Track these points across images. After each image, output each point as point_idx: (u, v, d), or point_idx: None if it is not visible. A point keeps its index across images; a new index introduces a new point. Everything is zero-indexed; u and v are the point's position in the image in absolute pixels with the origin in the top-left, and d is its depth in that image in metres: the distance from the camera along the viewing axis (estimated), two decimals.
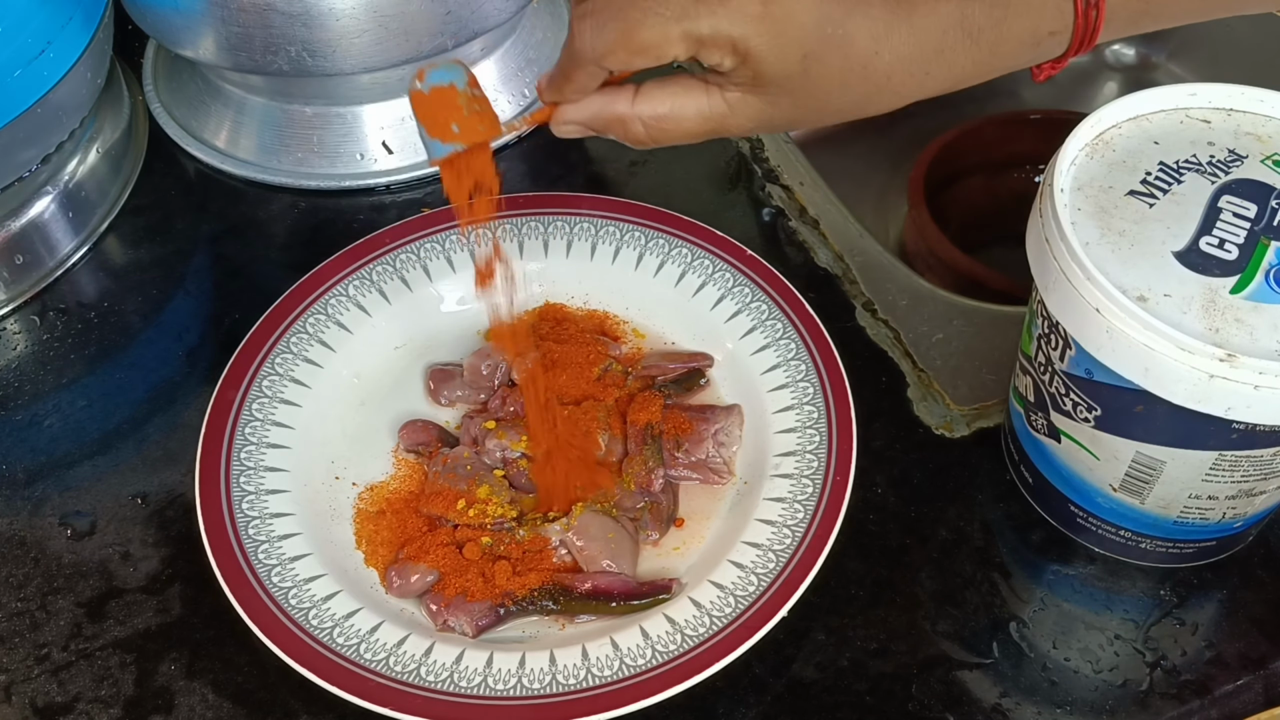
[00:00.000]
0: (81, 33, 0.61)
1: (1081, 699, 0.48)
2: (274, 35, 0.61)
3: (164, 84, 0.73)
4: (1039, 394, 0.49)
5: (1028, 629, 0.50)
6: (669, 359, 0.58)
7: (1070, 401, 0.47)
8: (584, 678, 0.47)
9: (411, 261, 0.61)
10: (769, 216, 0.66)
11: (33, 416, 0.59)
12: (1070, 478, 0.50)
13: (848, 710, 0.48)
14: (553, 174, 0.69)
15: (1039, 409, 0.50)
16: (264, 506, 0.52)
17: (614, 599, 0.50)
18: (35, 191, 0.64)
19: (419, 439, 0.56)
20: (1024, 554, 0.53)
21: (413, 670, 0.47)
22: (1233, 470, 0.45)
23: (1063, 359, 0.46)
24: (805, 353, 0.56)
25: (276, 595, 0.49)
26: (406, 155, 0.69)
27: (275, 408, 0.55)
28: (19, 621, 0.52)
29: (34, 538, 0.54)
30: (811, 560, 0.49)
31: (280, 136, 0.69)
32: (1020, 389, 0.51)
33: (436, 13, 0.62)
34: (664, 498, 0.53)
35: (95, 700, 0.49)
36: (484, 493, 0.52)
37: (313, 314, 0.58)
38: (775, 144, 0.69)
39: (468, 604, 0.50)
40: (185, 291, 0.64)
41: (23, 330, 0.63)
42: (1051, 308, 0.45)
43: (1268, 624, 0.50)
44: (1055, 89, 1.00)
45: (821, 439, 0.53)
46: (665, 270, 0.60)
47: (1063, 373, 0.47)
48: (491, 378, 0.57)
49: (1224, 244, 0.44)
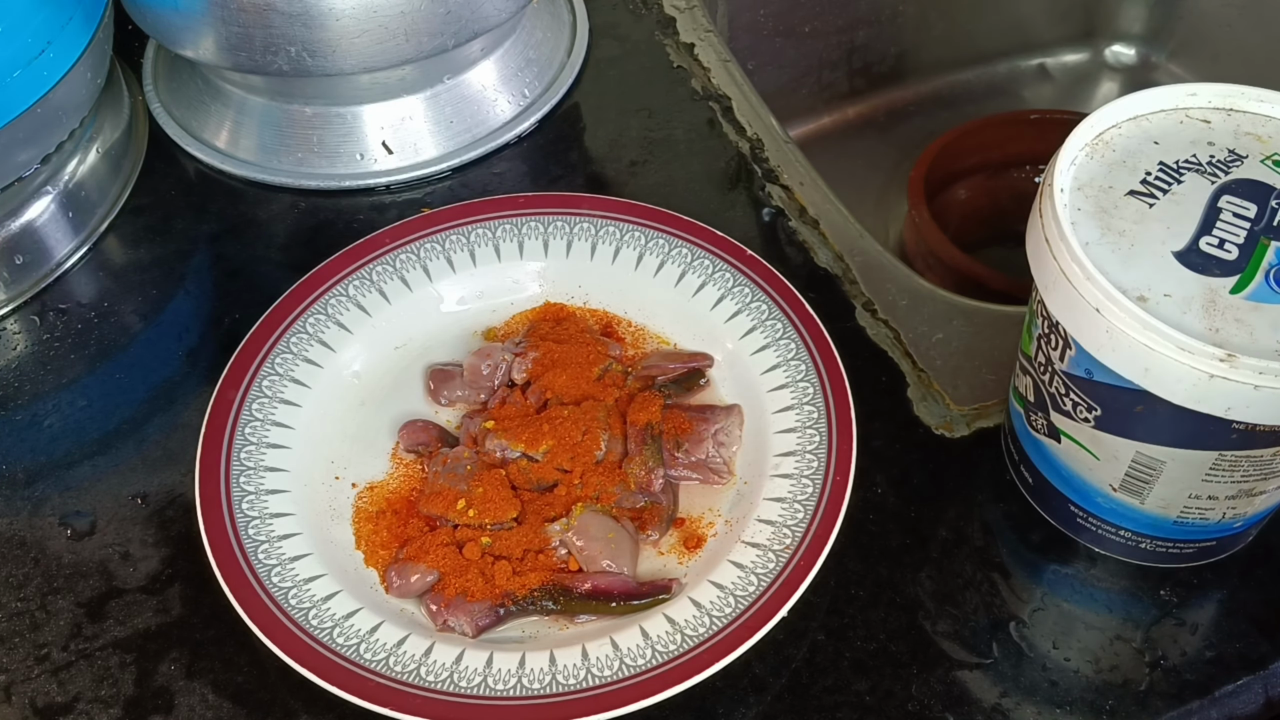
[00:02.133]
0: (81, 33, 0.61)
1: (1081, 699, 0.48)
2: (274, 35, 0.61)
3: (164, 84, 0.73)
4: (1039, 394, 0.49)
5: (1028, 629, 0.50)
6: (669, 359, 0.58)
7: (1070, 401, 0.47)
8: (584, 678, 0.47)
9: (411, 261, 0.61)
10: (769, 216, 0.66)
11: (33, 416, 0.59)
12: (1070, 478, 0.50)
13: (848, 710, 0.48)
14: (553, 174, 0.69)
15: (1039, 409, 0.50)
16: (264, 506, 0.52)
17: (614, 599, 0.50)
18: (35, 191, 0.64)
19: (419, 439, 0.56)
20: (1024, 554, 0.53)
21: (413, 670, 0.47)
22: (1233, 470, 0.45)
23: (1063, 359, 0.46)
24: (805, 353, 0.56)
25: (276, 595, 0.49)
26: (406, 155, 0.69)
27: (275, 408, 0.55)
28: (19, 621, 0.52)
29: (34, 538, 0.54)
30: (811, 560, 0.49)
31: (280, 136, 0.69)
32: (1020, 389, 0.51)
33: (436, 13, 0.62)
34: (664, 498, 0.53)
35: (95, 700, 0.49)
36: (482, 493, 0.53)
37: (313, 314, 0.58)
38: (775, 144, 0.69)
39: (468, 604, 0.50)
40: (185, 291, 0.64)
41: (23, 330, 0.63)
42: (1051, 308, 0.45)
43: (1268, 624, 0.50)
44: (1055, 89, 1.00)
45: (821, 439, 0.53)
46: (665, 270, 0.60)
47: (1063, 373, 0.47)
48: (491, 378, 0.57)
49: (1224, 244, 0.44)
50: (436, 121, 0.69)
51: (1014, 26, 0.98)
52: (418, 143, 0.69)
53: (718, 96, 0.72)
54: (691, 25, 0.77)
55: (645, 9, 0.78)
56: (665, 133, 0.71)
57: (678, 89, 0.73)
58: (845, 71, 0.96)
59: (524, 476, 0.54)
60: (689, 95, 0.73)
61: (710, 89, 0.73)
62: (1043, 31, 0.99)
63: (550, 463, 0.54)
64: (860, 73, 0.96)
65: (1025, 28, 0.99)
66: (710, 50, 0.75)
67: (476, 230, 0.61)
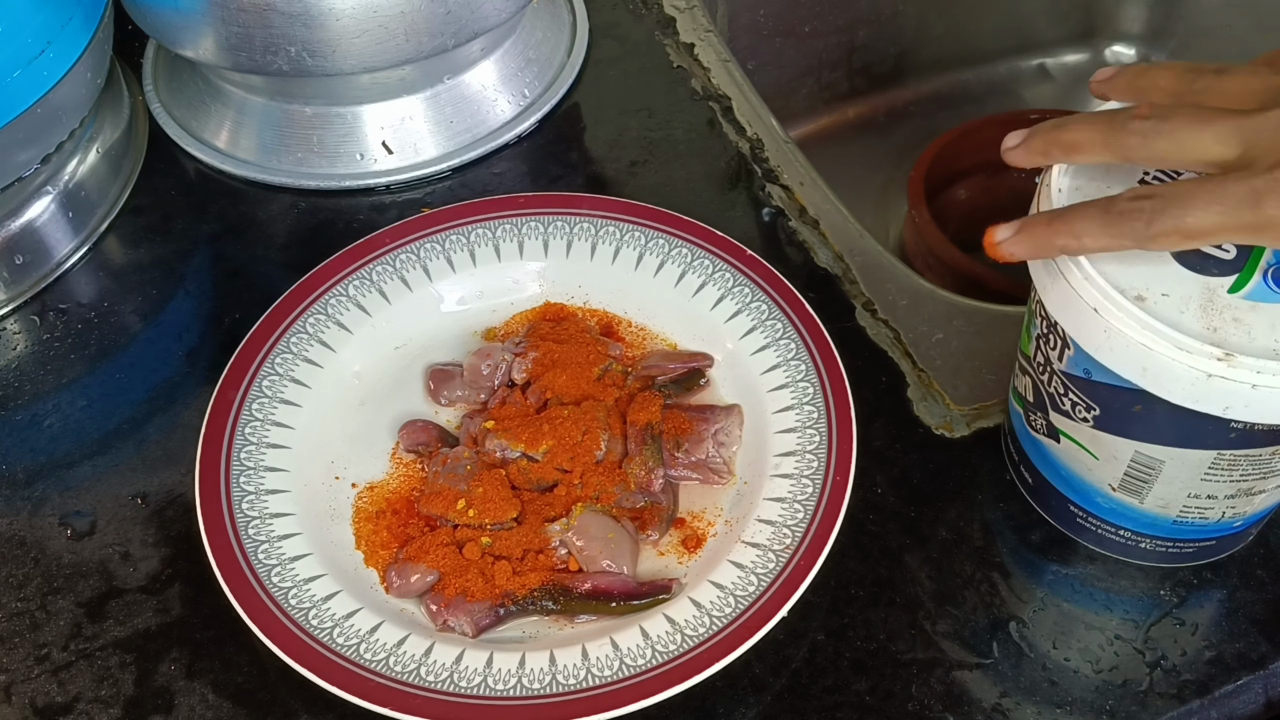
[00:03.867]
0: (81, 33, 0.61)
1: (1081, 699, 0.48)
2: (274, 35, 0.61)
3: (164, 84, 0.73)
4: (1038, 394, 0.49)
5: (1028, 629, 0.50)
6: (669, 359, 0.58)
7: (1069, 401, 0.47)
8: (584, 678, 0.47)
9: (411, 261, 0.61)
10: (769, 216, 0.66)
11: (33, 416, 0.59)
12: (1070, 478, 0.50)
13: (848, 710, 0.48)
14: (553, 174, 0.69)
15: (1038, 409, 0.50)
16: (264, 506, 0.52)
17: (614, 599, 0.50)
18: (35, 191, 0.64)
19: (419, 439, 0.56)
20: (1024, 554, 0.53)
21: (413, 670, 0.47)
22: (1231, 469, 0.45)
23: (1061, 359, 0.46)
24: (805, 353, 0.56)
25: (276, 595, 0.49)
26: (406, 155, 0.69)
27: (275, 408, 0.55)
28: (19, 621, 0.52)
29: (34, 538, 0.54)
30: (811, 560, 0.49)
31: (280, 136, 0.69)
32: (1019, 389, 0.51)
33: (436, 13, 0.62)
34: (664, 498, 0.53)
35: (95, 700, 0.49)
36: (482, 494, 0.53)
37: (313, 314, 0.58)
38: (775, 144, 0.69)
39: (468, 604, 0.50)
40: (185, 291, 0.64)
41: (23, 330, 0.63)
42: (1050, 308, 0.45)
43: (1268, 624, 0.50)
44: (1055, 89, 1.00)
45: (821, 439, 0.53)
46: (665, 270, 0.60)
47: (1061, 373, 0.47)
48: (491, 378, 0.57)
49: (1221, 243, 0.44)
50: (436, 121, 0.69)
51: (1014, 26, 0.98)
52: (418, 143, 0.69)
53: (718, 96, 0.72)
54: (691, 25, 0.77)
55: (645, 9, 0.78)
56: (665, 133, 0.71)
57: (678, 89, 0.73)
58: (845, 71, 0.96)
59: (524, 476, 0.54)
60: (689, 95, 0.73)
61: (710, 89, 0.73)
62: (1043, 31, 0.99)
63: (550, 463, 0.54)
64: (860, 73, 0.96)
65: (1025, 28, 0.99)
66: (710, 50, 0.75)
67: (476, 230, 0.61)
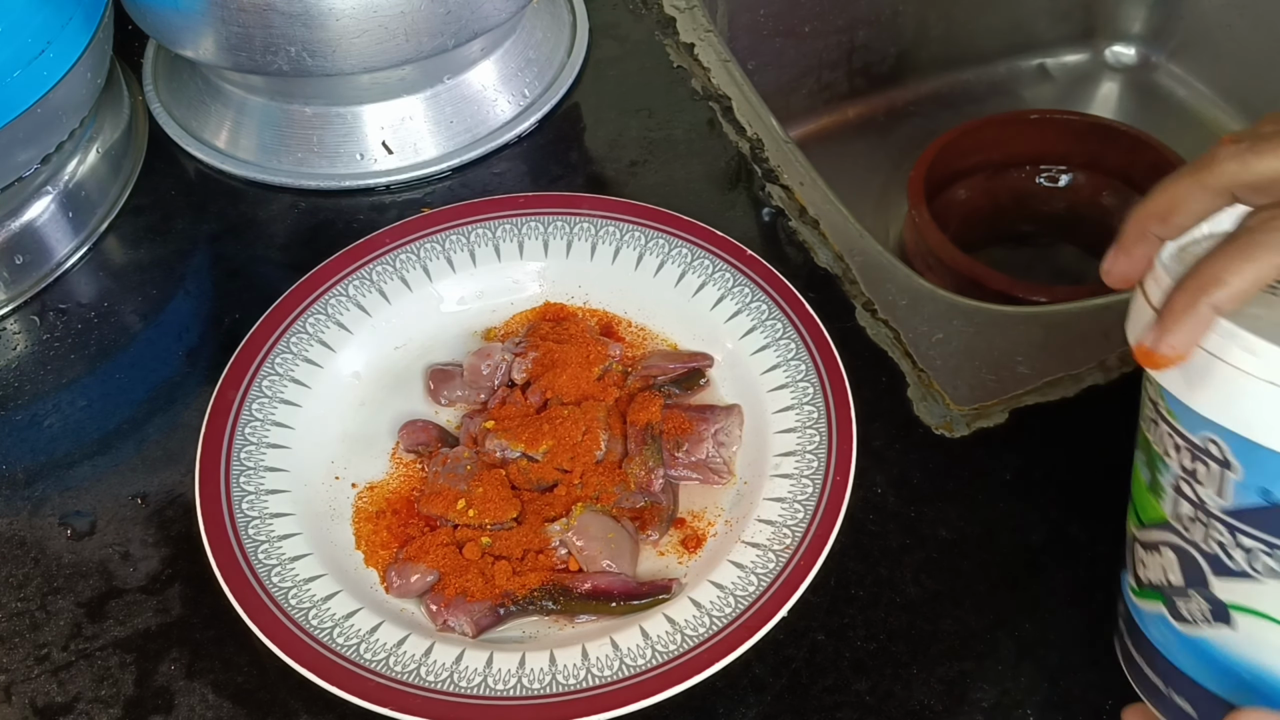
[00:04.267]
0: (81, 33, 0.61)
1: (1082, 699, 0.48)
2: (274, 35, 0.61)
3: (164, 84, 0.73)
4: (1190, 565, 0.39)
5: (1027, 629, 0.50)
6: (669, 359, 0.58)
7: (1242, 552, 0.37)
8: (584, 678, 0.47)
9: (411, 261, 0.61)
10: (769, 216, 0.66)
11: (33, 416, 0.59)
12: (1257, 678, 0.37)
13: (848, 710, 0.48)
14: (553, 174, 0.69)
15: (1193, 585, 0.39)
16: (264, 506, 0.52)
17: (614, 599, 0.50)
18: (35, 191, 0.64)
19: (419, 439, 0.56)
20: (1024, 554, 0.53)
21: (413, 670, 0.47)
22: None
23: (1222, 492, 0.37)
24: (805, 353, 0.56)
25: (276, 595, 0.49)
26: (406, 155, 0.69)
27: (275, 408, 0.55)
28: (19, 621, 0.52)
29: (34, 538, 0.54)
30: (811, 560, 0.49)
31: (280, 136, 0.69)
32: (1149, 578, 0.41)
33: (436, 13, 0.62)
34: (664, 498, 0.53)
35: (95, 700, 0.49)
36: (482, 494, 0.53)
37: (313, 314, 0.58)
38: (775, 144, 0.69)
39: (468, 604, 0.50)
40: (185, 291, 0.64)
41: (23, 330, 0.63)
42: (1204, 412, 0.36)
43: None
44: (1055, 89, 1.00)
45: (821, 439, 0.53)
46: (665, 270, 0.60)
47: (1224, 513, 0.37)
48: (491, 378, 0.57)
49: None
50: (436, 121, 0.69)
51: (1014, 26, 0.98)
52: (418, 143, 0.69)
53: (718, 96, 0.72)
54: (691, 25, 0.77)
55: (645, 9, 0.78)
56: (665, 133, 0.71)
57: (678, 89, 0.73)
58: (845, 71, 0.96)
59: (524, 476, 0.54)
60: (689, 95, 0.73)
61: (710, 89, 0.73)
62: (1043, 31, 0.99)
63: (550, 463, 0.54)
64: (860, 73, 0.96)
65: (1025, 28, 0.99)
66: (710, 50, 0.75)
67: (476, 230, 0.62)
